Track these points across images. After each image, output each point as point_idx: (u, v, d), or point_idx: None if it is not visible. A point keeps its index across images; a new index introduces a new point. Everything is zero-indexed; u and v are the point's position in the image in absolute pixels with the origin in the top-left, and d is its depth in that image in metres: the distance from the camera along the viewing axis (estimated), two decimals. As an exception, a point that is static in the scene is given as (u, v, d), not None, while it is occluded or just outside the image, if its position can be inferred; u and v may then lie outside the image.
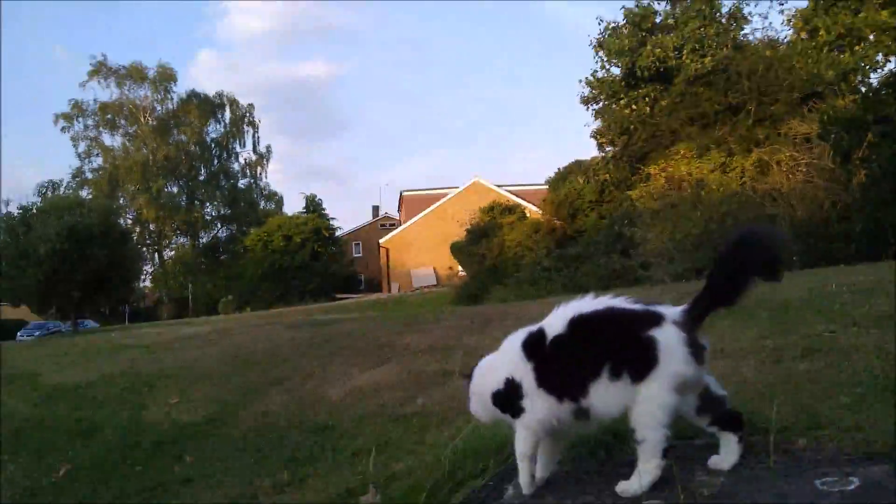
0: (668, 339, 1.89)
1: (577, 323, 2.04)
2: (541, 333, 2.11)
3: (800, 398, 2.50)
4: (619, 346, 1.95)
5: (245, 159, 49.91)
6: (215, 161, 49.22)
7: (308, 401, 4.71)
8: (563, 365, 2.03)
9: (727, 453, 2.02)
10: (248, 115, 49.36)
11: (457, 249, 24.37)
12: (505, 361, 2.17)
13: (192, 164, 47.76)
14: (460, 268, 24.88)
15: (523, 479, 2.15)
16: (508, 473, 2.34)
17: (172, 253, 49.12)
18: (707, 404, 2.00)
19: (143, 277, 44.82)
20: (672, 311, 1.96)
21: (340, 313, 14.27)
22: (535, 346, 2.10)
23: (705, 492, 1.90)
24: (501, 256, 20.85)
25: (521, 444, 2.13)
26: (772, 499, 1.77)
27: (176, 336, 13.16)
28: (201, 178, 48.68)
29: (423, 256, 34.59)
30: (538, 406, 2.05)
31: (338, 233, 39.84)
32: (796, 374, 2.80)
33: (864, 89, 15.06)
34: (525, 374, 2.08)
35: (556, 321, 2.09)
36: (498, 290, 17.01)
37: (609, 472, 2.21)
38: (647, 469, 1.92)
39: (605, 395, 1.94)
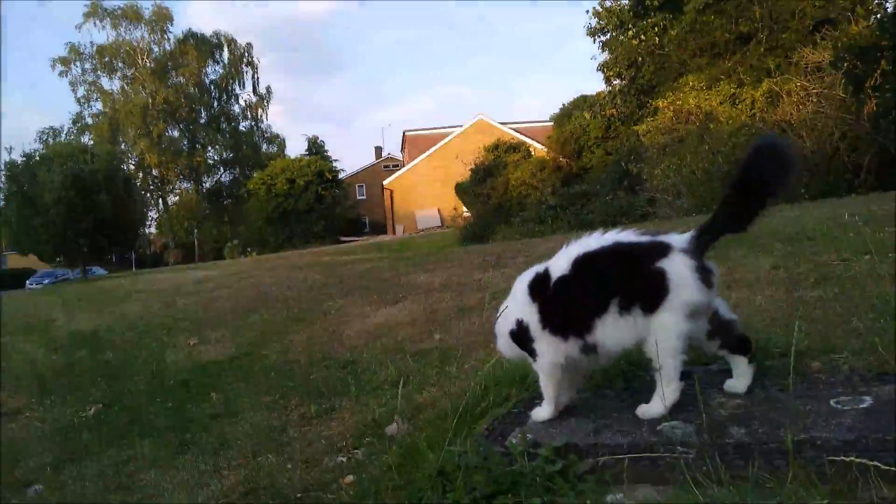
0: (678, 268, 1.93)
1: (583, 261, 2.08)
2: (546, 274, 2.15)
3: (814, 324, 2.56)
4: (628, 279, 1.99)
5: (245, 101, 49.37)
6: (215, 103, 48.62)
7: (327, 339, 4.81)
8: (567, 305, 2.09)
9: (740, 376, 2.10)
10: (246, 54, 48.49)
11: (461, 190, 24.26)
12: (516, 302, 2.22)
13: (192, 107, 47.18)
14: (465, 208, 24.82)
15: (547, 410, 2.23)
16: (531, 401, 2.42)
17: (176, 198, 49.15)
18: (717, 329, 2.05)
19: (148, 223, 45.12)
20: (679, 240, 1.99)
21: (348, 255, 14.38)
22: (539, 288, 2.15)
23: (724, 413, 1.98)
24: (507, 196, 20.75)
25: (545, 388, 2.22)
26: (788, 417, 1.85)
27: (186, 280, 13.33)
28: (202, 121, 48.22)
29: (428, 197, 34.50)
30: (546, 348, 2.12)
31: (341, 175, 39.63)
32: (810, 302, 2.85)
33: (879, 15, 14.59)
34: (531, 315, 2.14)
35: (560, 261, 2.13)
36: (503, 229, 17.03)
37: (629, 397, 2.29)
38: (668, 392, 1.99)
39: (615, 330, 2.00)
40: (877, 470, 1.54)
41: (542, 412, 2.24)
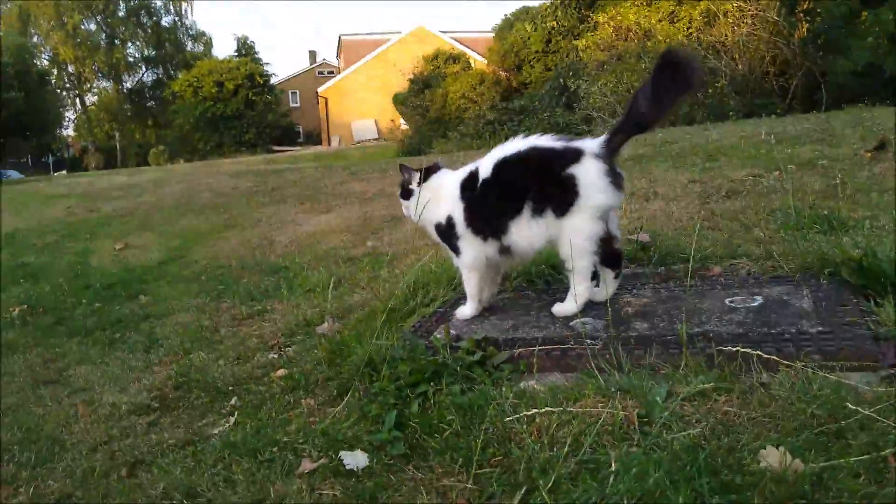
0: (589, 172, 2.03)
1: (502, 165, 2.15)
2: (475, 175, 2.22)
3: (720, 233, 2.75)
4: (542, 183, 2.08)
5: (167, -8, 45.78)
6: (135, -6, 44.95)
7: (259, 245, 4.79)
8: (488, 206, 2.17)
9: (604, 286, 2.23)
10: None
11: (399, 101, 23.72)
12: (449, 195, 2.26)
13: (109, -1, 43.49)
14: (402, 121, 24.37)
15: (470, 307, 2.36)
16: (456, 301, 2.54)
17: (95, 98, 46.03)
18: (601, 239, 2.11)
19: (65, 124, 42.37)
20: (591, 145, 2.07)
21: (281, 165, 14.05)
22: (466, 188, 2.22)
23: (630, 310, 2.15)
24: (445, 109, 20.48)
25: (468, 285, 2.33)
26: (687, 313, 2.02)
27: (110, 185, 12.77)
28: (120, 13, 44.63)
29: (365, 107, 33.57)
30: (468, 246, 2.22)
31: (273, 80, 37.88)
32: (720, 213, 3.05)
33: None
34: (458, 214, 2.22)
35: (486, 164, 2.20)
36: (441, 143, 16.93)
37: (548, 297, 2.44)
38: (580, 291, 2.14)
39: (528, 231, 2.10)
40: (759, 358, 1.73)
41: (465, 310, 2.37)
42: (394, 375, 2.01)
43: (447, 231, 2.26)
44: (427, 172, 2.37)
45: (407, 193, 2.38)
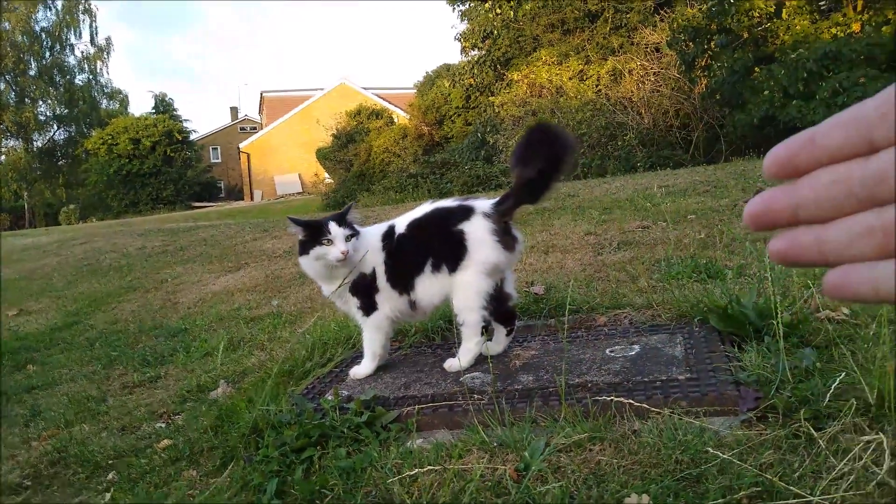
0: (477, 229, 2.10)
1: (412, 225, 2.23)
2: (391, 232, 2.26)
3: (609, 283, 2.86)
4: (437, 241, 2.15)
5: (82, 52, 44.80)
6: (47, 54, 43.64)
7: (160, 307, 4.61)
8: (402, 263, 2.22)
9: (496, 342, 2.29)
10: (83, 1, 43.83)
11: (323, 156, 23.76)
12: (373, 252, 2.27)
13: (20, 57, 42.01)
14: (326, 175, 24.37)
15: (368, 366, 2.34)
16: (352, 360, 2.52)
17: (3, 157, 43.84)
18: (496, 297, 2.17)
19: (-32, 185, 40.05)
20: (483, 204, 2.15)
21: (197, 222, 13.70)
22: (387, 244, 2.25)
23: (517, 363, 2.19)
24: (369, 163, 20.66)
25: (370, 343, 2.32)
26: (569, 364, 2.08)
27: (11, 248, 12.11)
28: (31, 72, 43.13)
29: (288, 162, 33.47)
30: (386, 301, 2.23)
31: (193, 136, 37.24)
32: (610, 264, 3.17)
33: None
34: (380, 268, 2.23)
35: (401, 222, 2.26)
36: (365, 197, 17.00)
37: (444, 352, 2.46)
38: (469, 347, 2.17)
39: (429, 287, 2.16)
40: (631, 406, 1.79)
41: (361, 369, 2.35)
42: (279, 441, 1.96)
43: (369, 285, 2.24)
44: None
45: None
